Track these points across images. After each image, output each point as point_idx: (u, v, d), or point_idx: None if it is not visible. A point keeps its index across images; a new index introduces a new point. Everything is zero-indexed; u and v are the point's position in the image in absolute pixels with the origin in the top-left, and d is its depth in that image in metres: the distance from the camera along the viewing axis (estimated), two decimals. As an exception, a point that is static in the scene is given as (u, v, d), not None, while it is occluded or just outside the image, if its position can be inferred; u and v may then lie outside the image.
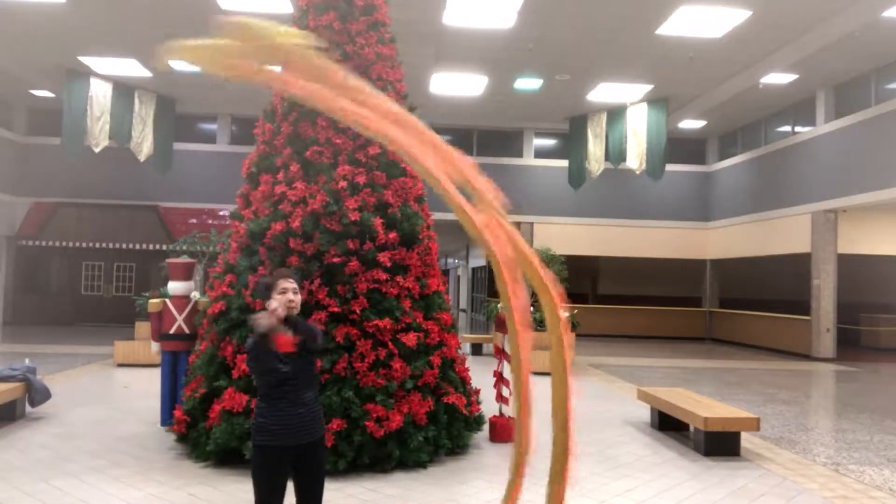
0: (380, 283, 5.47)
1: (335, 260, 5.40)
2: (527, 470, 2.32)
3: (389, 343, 5.39)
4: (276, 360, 2.95)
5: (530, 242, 18.24)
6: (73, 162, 16.13)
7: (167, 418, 6.19)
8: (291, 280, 3.08)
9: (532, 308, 12.02)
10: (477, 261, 26.16)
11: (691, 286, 20.78)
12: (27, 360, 7.29)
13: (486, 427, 6.29)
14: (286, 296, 3.01)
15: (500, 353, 6.57)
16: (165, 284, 7.03)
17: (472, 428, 5.98)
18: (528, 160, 19.61)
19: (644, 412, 7.69)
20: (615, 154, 16.24)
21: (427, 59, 13.62)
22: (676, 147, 18.89)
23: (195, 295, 6.56)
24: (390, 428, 5.16)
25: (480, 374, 7.86)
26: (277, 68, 2.19)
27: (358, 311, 5.34)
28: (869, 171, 13.68)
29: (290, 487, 3.13)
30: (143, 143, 15.84)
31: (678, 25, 11.73)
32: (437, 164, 2.15)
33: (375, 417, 5.14)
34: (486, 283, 24.00)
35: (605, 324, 19.20)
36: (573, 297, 18.14)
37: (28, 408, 6.99)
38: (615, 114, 16.38)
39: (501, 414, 6.49)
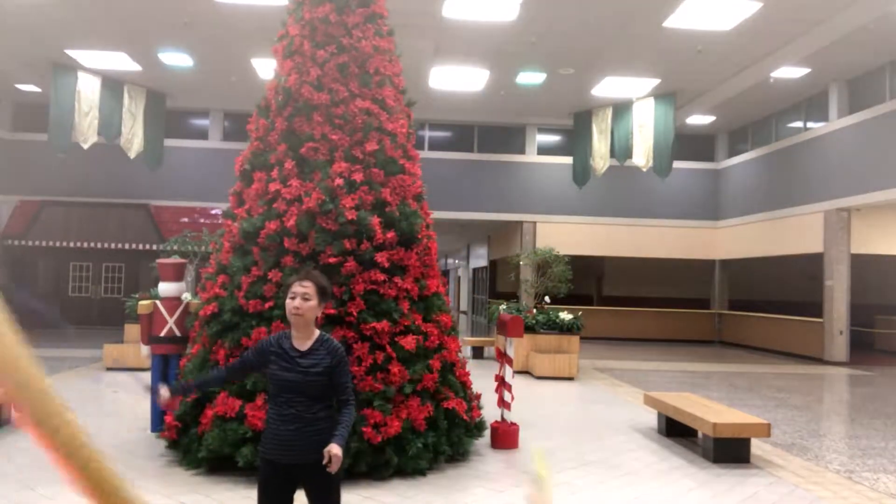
0: (377, 285, 5.36)
1: (331, 260, 5.28)
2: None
3: (387, 346, 5.30)
4: (267, 365, 2.82)
5: (533, 242, 18.08)
6: (60, 159, 15.92)
7: (157, 424, 6.09)
8: (307, 283, 2.81)
9: (536, 309, 11.72)
10: (478, 261, 25.99)
11: (699, 287, 20.59)
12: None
13: (487, 433, 6.18)
14: (294, 302, 2.77)
15: (501, 357, 6.42)
16: (156, 286, 6.96)
17: (472, 434, 5.87)
18: (531, 157, 19.43)
19: (651, 418, 7.63)
20: (621, 151, 16.01)
21: (426, 53, 13.45)
22: (684, 143, 18.68)
23: (186, 296, 6.48)
24: (388, 434, 5.04)
25: (482, 379, 7.73)
26: None
27: (355, 314, 5.25)
28: (883, 169, 13.44)
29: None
30: (133, 139, 15.60)
31: (686, 17, 11.57)
32: None
33: (373, 423, 5.03)
34: (487, 284, 23.88)
35: (610, 326, 19.05)
36: (577, 298, 18.10)
37: (14, 413, 6.83)
38: (621, 109, 16.15)
39: (503, 419, 6.34)
